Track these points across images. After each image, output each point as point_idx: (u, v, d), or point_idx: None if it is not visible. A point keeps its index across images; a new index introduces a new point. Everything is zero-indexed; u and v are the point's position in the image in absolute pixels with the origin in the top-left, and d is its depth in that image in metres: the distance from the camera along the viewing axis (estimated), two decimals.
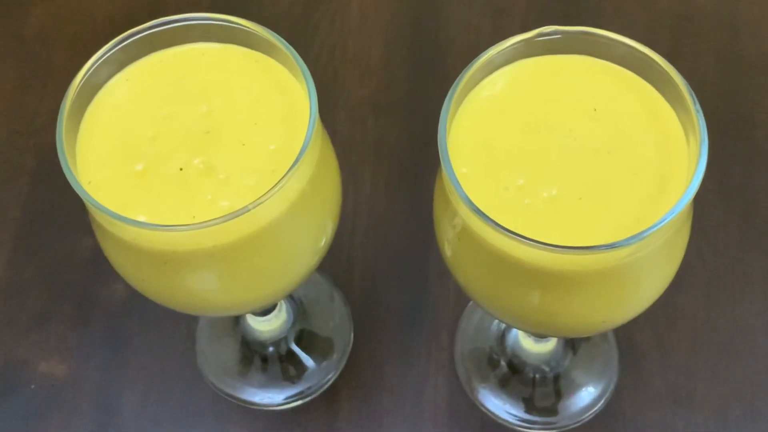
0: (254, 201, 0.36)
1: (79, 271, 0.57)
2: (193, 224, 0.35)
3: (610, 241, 0.34)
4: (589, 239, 0.35)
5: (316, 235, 0.41)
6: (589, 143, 0.38)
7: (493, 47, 0.38)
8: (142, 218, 0.37)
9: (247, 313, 0.52)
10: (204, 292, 0.40)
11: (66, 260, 0.57)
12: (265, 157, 0.38)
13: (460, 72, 0.38)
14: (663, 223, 0.34)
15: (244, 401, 0.53)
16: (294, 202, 0.38)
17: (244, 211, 0.35)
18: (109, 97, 0.40)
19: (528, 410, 0.52)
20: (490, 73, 0.39)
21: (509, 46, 0.39)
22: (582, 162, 0.37)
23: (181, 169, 0.38)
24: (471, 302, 0.55)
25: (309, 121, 0.38)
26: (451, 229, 0.39)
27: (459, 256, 0.40)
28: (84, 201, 0.37)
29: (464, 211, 0.37)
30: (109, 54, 0.40)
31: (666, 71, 0.37)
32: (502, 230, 0.35)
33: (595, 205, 0.36)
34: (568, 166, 0.37)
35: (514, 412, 0.52)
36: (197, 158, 0.38)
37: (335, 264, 0.56)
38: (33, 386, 0.53)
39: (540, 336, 0.51)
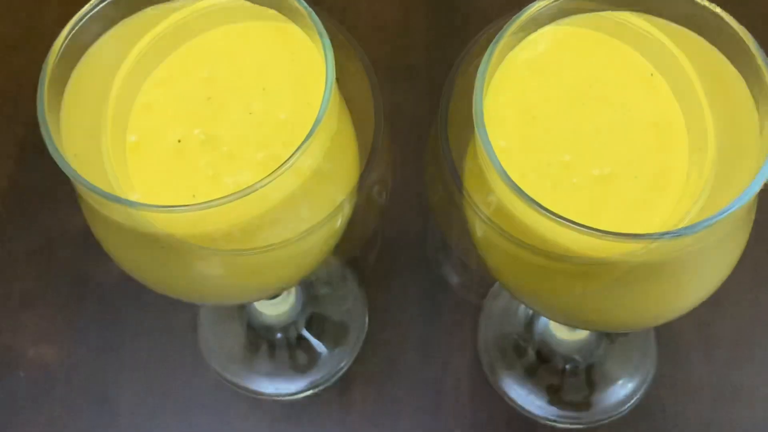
0: (263, 178, 0.32)
1: (72, 248, 0.55)
2: (193, 204, 0.32)
3: (669, 228, 0.31)
4: (645, 225, 0.32)
5: (331, 215, 0.38)
6: (646, 115, 0.34)
7: (536, 2, 0.34)
8: (135, 197, 0.34)
9: (254, 301, 0.50)
10: (206, 280, 0.37)
11: (57, 236, 0.55)
12: (274, 128, 0.35)
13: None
14: (734, 208, 0.30)
15: (251, 390, 0.51)
16: (308, 179, 0.35)
17: (251, 189, 0.32)
18: (98, 58, 0.37)
19: (557, 403, 0.50)
20: (532, 32, 0.35)
21: (554, 1, 0.35)
22: (637, 136, 0.34)
23: (179, 141, 0.35)
24: (496, 284, 0.53)
25: (325, 87, 0.34)
26: (483, 208, 0.36)
27: (491, 238, 0.37)
28: (69, 177, 0.33)
29: (501, 189, 0.33)
30: (97, 9, 0.36)
31: (737, 33, 0.33)
32: (544, 212, 0.31)
33: (652, 186, 0.33)
34: (622, 140, 0.33)
35: (541, 404, 0.50)
36: (197, 128, 0.35)
37: (348, 242, 0.53)
38: (21, 374, 0.52)
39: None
